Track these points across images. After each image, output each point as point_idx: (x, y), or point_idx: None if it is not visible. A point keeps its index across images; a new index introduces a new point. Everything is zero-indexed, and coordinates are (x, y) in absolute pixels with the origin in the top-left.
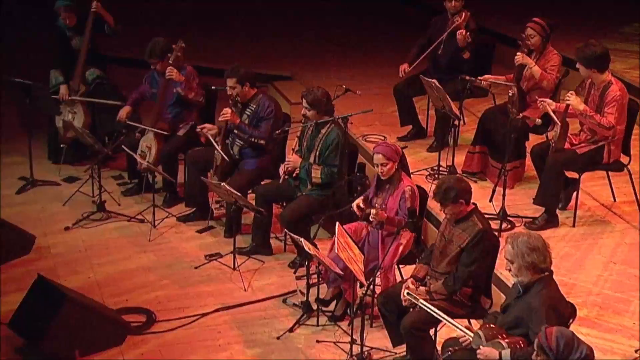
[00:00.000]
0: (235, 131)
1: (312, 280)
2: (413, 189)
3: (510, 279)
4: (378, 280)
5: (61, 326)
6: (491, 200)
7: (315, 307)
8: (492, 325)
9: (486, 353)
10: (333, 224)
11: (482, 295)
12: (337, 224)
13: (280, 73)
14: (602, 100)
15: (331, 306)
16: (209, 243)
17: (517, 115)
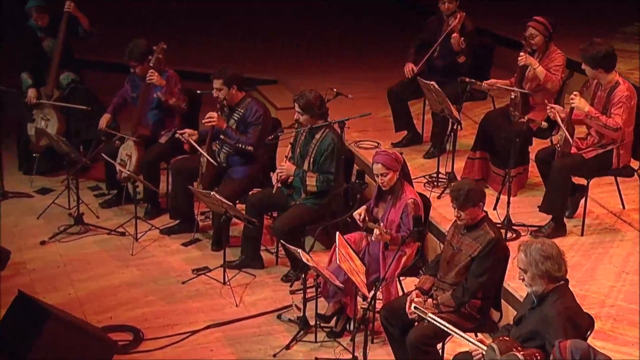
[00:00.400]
0: (222, 137)
1: (308, 294)
2: (416, 202)
3: (518, 291)
4: (379, 294)
5: (46, 345)
6: (495, 208)
7: (313, 322)
8: (506, 338)
9: None
10: (326, 236)
11: (491, 308)
12: (337, 233)
13: (265, 77)
14: (608, 101)
15: (331, 322)
16: (195, 257)
17: (520, 119)
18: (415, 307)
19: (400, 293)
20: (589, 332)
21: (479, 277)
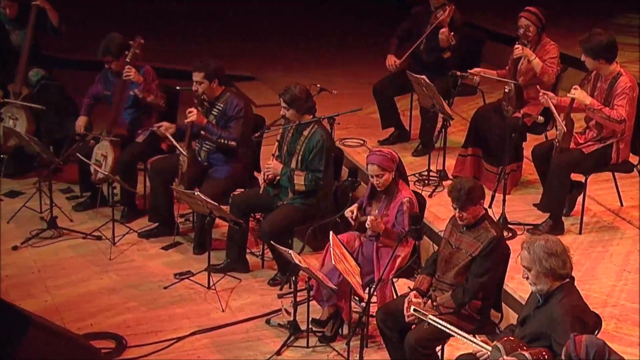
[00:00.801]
0: (202, 133)
1: (299, 298)
2: (412, 201)
3: (517, 292)
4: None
5: (27, 354)
6: (490, 207)
7: (304, 327)
8: (511, 338)
9: None
10: (314, 237)
11: (491, 309)
12: (331, 233)
13: (242, 73)
14: (610, 93)
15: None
16: (176, 260)
17: (514, 113)
18: (414, 309)
19: (394, 295)
20: (596, 332)
21: (480, 277)
